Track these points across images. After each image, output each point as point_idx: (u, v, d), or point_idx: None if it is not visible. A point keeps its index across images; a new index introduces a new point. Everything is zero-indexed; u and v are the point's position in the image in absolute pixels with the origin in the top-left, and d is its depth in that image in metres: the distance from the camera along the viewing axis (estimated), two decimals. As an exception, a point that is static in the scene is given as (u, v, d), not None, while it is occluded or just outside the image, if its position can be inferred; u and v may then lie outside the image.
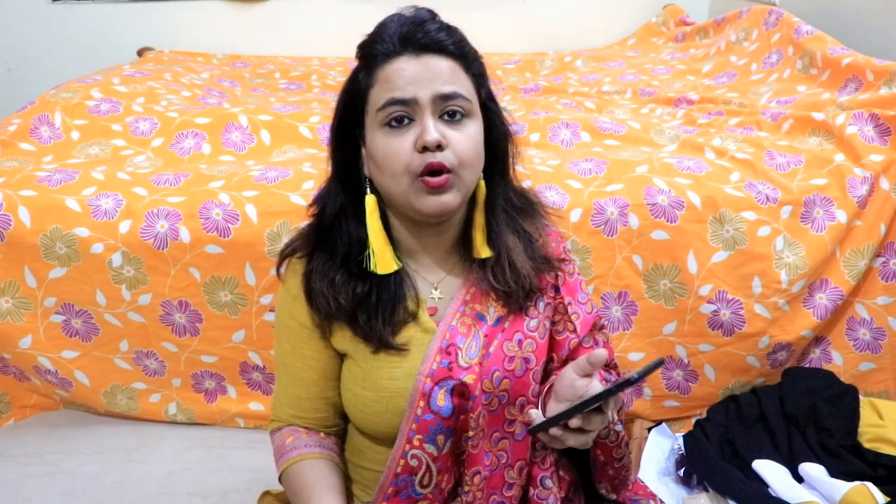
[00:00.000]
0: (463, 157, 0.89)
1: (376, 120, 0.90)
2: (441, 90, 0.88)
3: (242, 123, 1.94)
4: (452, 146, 0.88)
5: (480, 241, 0.96)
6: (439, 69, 0.89)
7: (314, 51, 3.13)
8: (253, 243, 1.56)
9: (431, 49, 0.89)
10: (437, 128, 0.87)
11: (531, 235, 1.00)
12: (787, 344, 1.61)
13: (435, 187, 0.88)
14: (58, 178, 1.65)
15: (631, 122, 1.97)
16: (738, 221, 1.58)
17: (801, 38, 2.16)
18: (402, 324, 0.96)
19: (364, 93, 0.91)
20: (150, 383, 1.68)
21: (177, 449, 1.65)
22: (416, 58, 0.89)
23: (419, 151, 0.87)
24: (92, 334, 1.63)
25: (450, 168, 0.88)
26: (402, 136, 0.88)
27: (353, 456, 1.05)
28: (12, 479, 1.56)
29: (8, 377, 1.72)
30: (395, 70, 0.88)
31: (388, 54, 0.89)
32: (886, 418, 1.51)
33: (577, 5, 3.32)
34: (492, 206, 0.96)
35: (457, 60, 0.91)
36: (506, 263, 0.96)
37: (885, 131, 1.67)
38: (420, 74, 0.88)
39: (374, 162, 0.91)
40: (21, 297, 1.59)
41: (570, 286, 1.03)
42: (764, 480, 1.42)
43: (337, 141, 0.96)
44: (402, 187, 0.89)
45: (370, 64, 0.91)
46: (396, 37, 0.89)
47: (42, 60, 3.17)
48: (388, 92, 0.88)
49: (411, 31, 0.89)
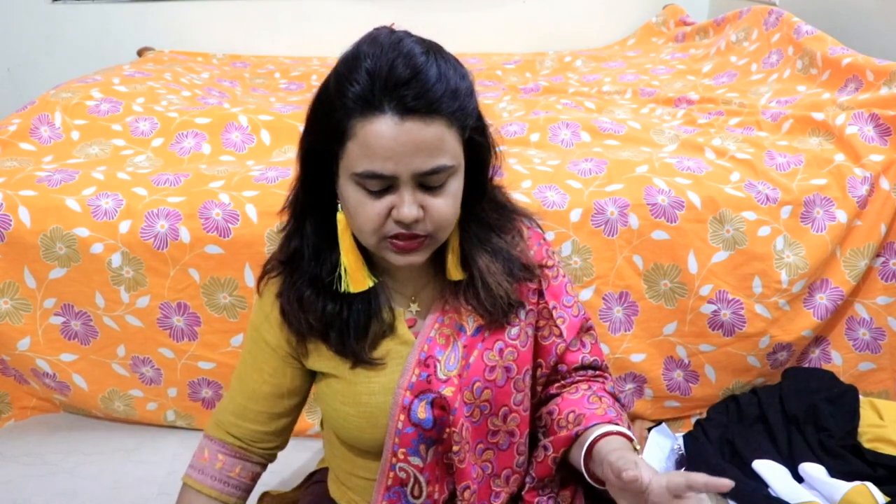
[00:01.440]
0: (440, 223, 0.84)
1: (349, 174, 0.82)
2: (422, 168, 0.80)
3: (242, 123, 1.94)
4: (430, 214, 0.83)
5: (453, 263, 0.92)
6: (424, 140, 0.79)
7: (314, 51, 3.13)
8: (253, 243, 1.56)
9: (419, 112, 0.78)
10: (415, 200, 0.81)
11: (508, 251, 0.95)
12: (788, 344, 1.61)
13: (404, 249, 0.85)
14: (58, 178, 1.64)
15: (631, 122, 1.97)
16: (739, 221, 1.58)
17: (801, 38, 2.16)
18: (380, 338, 0.93)
19: (339, 138, 0.81)
20: (146, 392, 1.67)
21: (177, 449, 1.65)
22: (400, 122, 0.77)
23: (395, 221, 0.83)
24: (91, 337, 1.62)
25: (424, 235, 0.84)
26: (376, 200, 0.82)
27: (345, 464, 1.04)
28: (12, 479, 1.56)
29: (8, 378, 1.72)
30: (375, 134, 0.78)
31: (366, 108, 0.78)
32: (886, 418, 1.51)
33: (577, 5, 3.32)
34: (465, 228, 0.92)
35: (445, 119, 0.80)
36: (479, 285, 0.92)
37: (885, 131, 1.67)
38: (402, 146, 0.78)
39: (345, 206, 0.86)
40: (20, 298, 1.59)
41: (553, 290, 1.00)
42: (764, 480, 1.42)
43: (307, 163, 0.88)
44: (371, 242, 0.86)
45: (347, 105, 0.79)
46: (378, 85, 0.77)
47: (42, 60, 3.17)
48: (365, 160, 0.79)
49: (397, 86, 0.77)
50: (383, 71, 0.77)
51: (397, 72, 0.77)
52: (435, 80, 0.79)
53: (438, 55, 0.81)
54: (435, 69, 0.79)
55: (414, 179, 0.81)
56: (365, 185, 0.81)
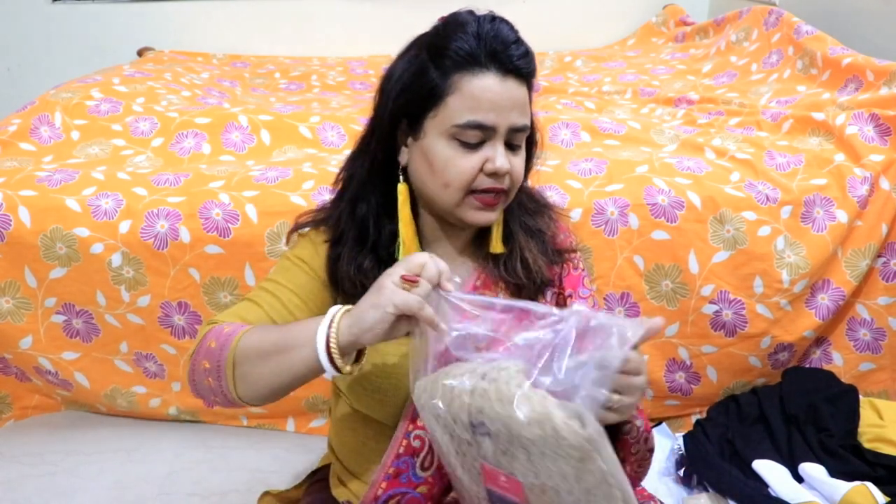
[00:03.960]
0: (517, 181, 0.94)
1: (445, 128, 0.89)
2: (517, 123, 0.90)
3: (242, 123, 1.94)
4: (512, 172, 0.92)
5: (497, 237, 0.98)
6: (519, 98, 0.89)
7: (314, 51, 3.13)
8: (253, 243, 1.56)
9: (516, 74, 0.88)
10: (506, 155, 0.90)
11: (544, 233, 1.03)
12: (789, 344, 1.61)
13: (488, 205, 0.92)
14: (58, 178, 1.64)
15: (631, 122, 1.97)
16: (739, 221, 1.58)
17: (801, 38, 2.16)
18: None
19: (438, 96, 0.89)
20: (149, 386, 1.68)
21: (177, 449, 1.65)
22: (502, 80, 0.88)
23: (486, 174, 0.90)
24: (92, 335, 1.62)
25: (503, 189, 0.92)
26: (471, 154, 0.89)
27: (355, 438, 1.03)
28: (12, 478, 1.56)
29: (9, 378, 1.72)
30: (482, 88, 0.87)
31: (473, 64, 0.87)
32: (886, 418, 1.51)
33: (577, 5, 3.32)
34: (510, 206, 0.99)
35: (529, 84, 0.91)
36: (517, 259, 0.98)
37: (885, 131, 1.67)
38: (505, 100, 0.88)
39: (428, 165, 0.91)
40: (21, 297, 1.59)
41: (572, 279, 1.05)
42: (764, 480, 1.42)
43: (386, 129, 0.93)
44: (453, 198, 0.91)
45: (446, 65, 0.88)
46: (484, 48, 0.87)
47: (42, 60, 3.17)
48: (471, 112, 0.87)
49: (501, 50, 0.87)
50: (490, 33, 0.87)
51: (503, 33, 0.88)
52: (529, 49, 0.90)
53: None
54: (526, 46, 0.90)
55: (507, 134, 0.90)
56: (464, 138, 0.89)
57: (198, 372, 0.87)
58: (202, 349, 0.87)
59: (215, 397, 0.88)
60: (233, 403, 0.87)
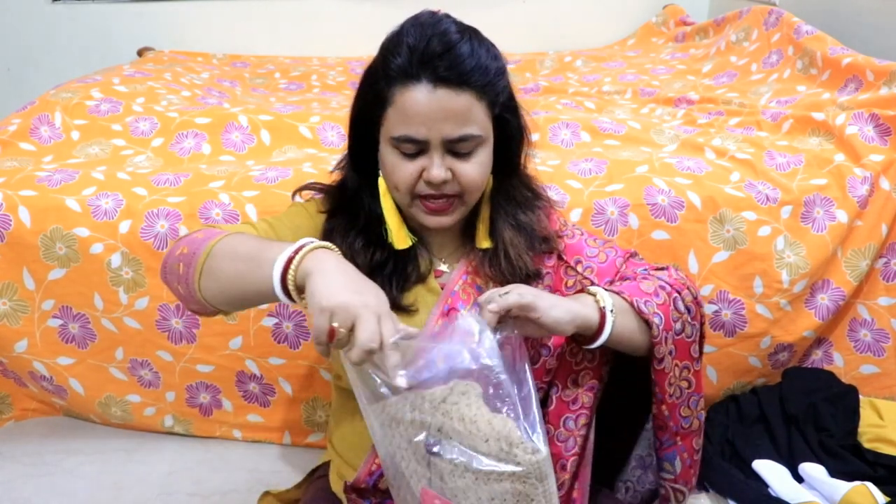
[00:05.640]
0: (468, 186, 0.94)
1: (387, 138, 0.93)
2: (452, 135, 0.90)
3: (242, 123, 1.94)
4: (458, 177, 0.93)
5: (483, 232, 1.02)
6: (454, 109, 0.89)
7: (314, 51, 3.13)
8: (253, 243, 1.55)
9: (450, 83, 0.88)
10: (443, 164, 0.92)
11: (532, 226, 1.04)
12: (789, 345, 1.60)
13: (434, 210, 0.95)
14: (58, 178, 1.64)
15: (631, 122, 1.97)
16: (739, 221, 1.58)
17: (801, 38, 2.16)
18: (412, 285, 1.01)
19: (381, 105, 0.93)
20: (144, 395, 1.65)
21: (177, 449, 1.65)
22: (432, 90, 0.88)
23: (425, 182, 0.93)
24: (88, 340, 1.61)
25: (452, 195, 0.94)
26: (410, 162, 0.93)
27: (356, 421, 1.05)
28: (12, 479, 1.56)
29: (9, 380, 1.71)
30: (413, 101, 0.89)
31: (406, 77, 0.89)
32: (886, 418, 1.51)
33: (577, 5, 3.32)
34: (496, 201, 1.01)
35: (474, 91, 0.90)
36: (502, 256, 1.01)
37: (885, 131, 1.67)
38: (434, 112, 0.89)
39: (384, 167, 0.97)
40: (19, 299, 1.59)
41: (572, 248, 1.08)
42: (764, 480, 1.42)
43: (355, 129, 1.00)
44: (403, 201, 0.96)
45: (389, 76, 0.91)
46: (416, 57, 0.88)
47: (42, 60, 3.17)
48: (403, 125, 0.90)
49: (432, 58, 0.88)
50: (420, 45, 0.88)
51: (432, 46, 0.88)
52: (466, 55, 0.89)
53: (473, 36, 0.92)
54: (467, 47, 0.89)
55: (444, 145, 0.91)
56: (400, 149, 0.92)
57: (174, 256, 0.91)
58: (188, 238, 0.92)
59: (178, 285, 0.90)
60: (192, 297, 0.88)
